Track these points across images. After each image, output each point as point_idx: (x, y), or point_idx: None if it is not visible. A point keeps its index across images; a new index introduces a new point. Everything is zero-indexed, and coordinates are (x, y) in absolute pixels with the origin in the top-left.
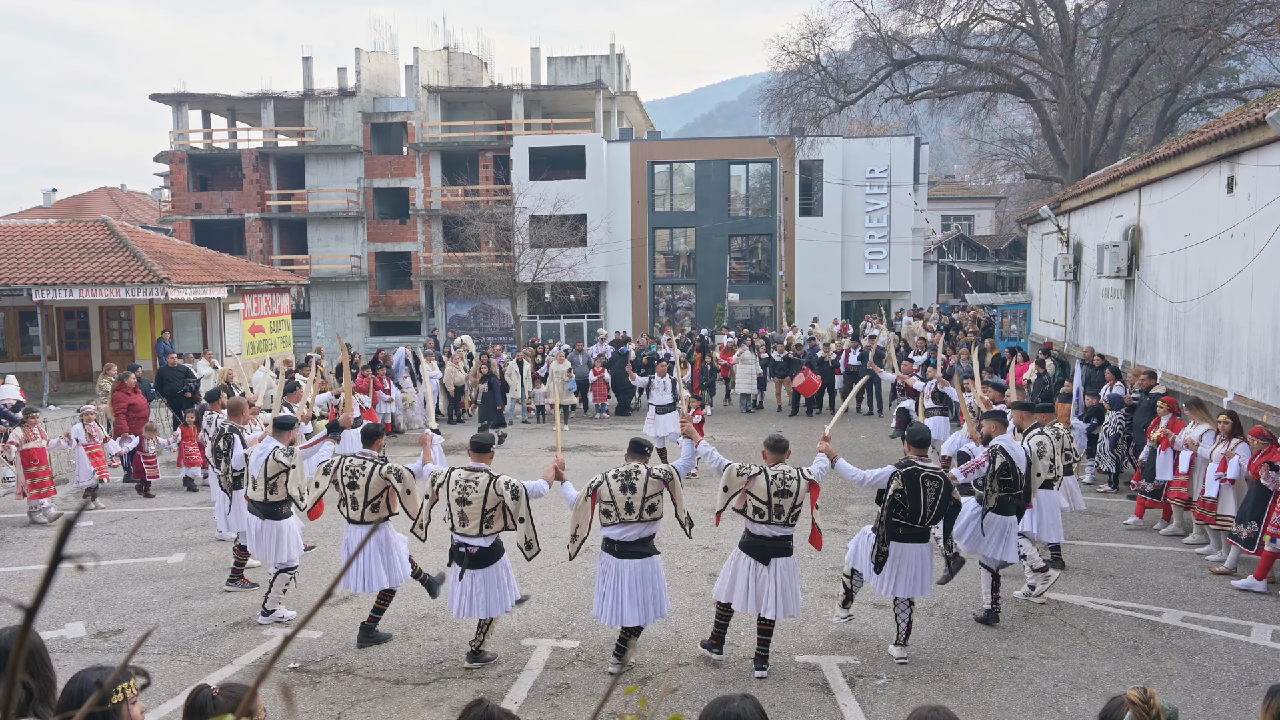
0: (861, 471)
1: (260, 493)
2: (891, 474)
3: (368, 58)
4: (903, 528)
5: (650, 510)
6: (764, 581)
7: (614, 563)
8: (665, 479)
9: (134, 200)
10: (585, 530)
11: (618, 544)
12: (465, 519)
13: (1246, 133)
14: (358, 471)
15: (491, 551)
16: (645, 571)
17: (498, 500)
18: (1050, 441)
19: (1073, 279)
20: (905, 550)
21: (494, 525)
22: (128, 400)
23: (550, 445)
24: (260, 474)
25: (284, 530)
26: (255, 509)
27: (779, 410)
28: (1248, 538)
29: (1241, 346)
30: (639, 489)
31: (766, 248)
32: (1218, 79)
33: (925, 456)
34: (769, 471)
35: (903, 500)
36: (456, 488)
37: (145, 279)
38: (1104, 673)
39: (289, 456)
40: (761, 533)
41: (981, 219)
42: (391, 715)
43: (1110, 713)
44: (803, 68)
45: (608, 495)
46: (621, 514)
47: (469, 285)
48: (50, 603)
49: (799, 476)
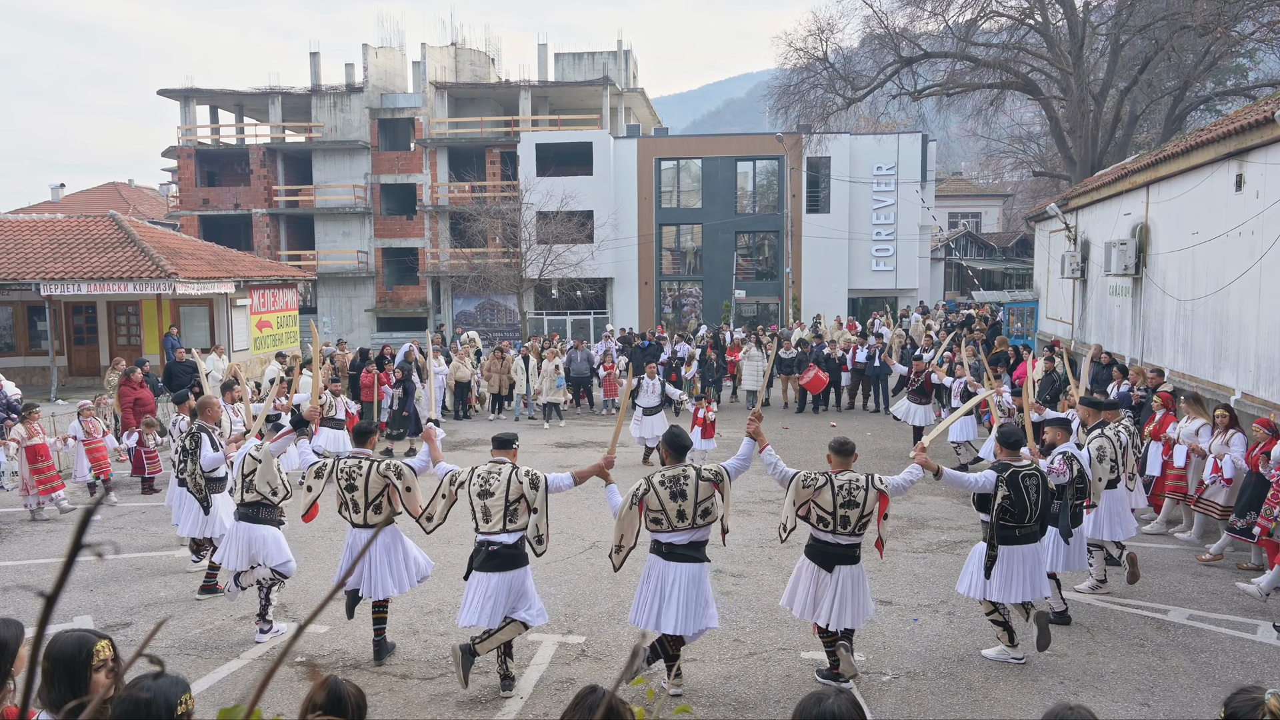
0: (971, 478)
1: (239, 493)
2: (995, 480)
3: (375, 54)
4: (1017, 530)
5: (704, 515)
6: (824, 588)
7: (660, 564)
8: (716, 480)
9: (142, 195)
10: (632, 540)
11: (667, 545)
12: (488, 513)
13: (1255, 130)
14: (354, 472)
15: (515, 552)
16: (695, 577)
17: (520, 491)
18: (1111, 444)
19: (1080, 277)
20: (1016, 552)
21: (518, 519)
22: (134, 395)
23: (553, 441)
24: (239, 474)
25: (266, 534)
26: (239, 511)
27: (785, 407)
28: (1244, 528)
29: (1249, 345)
30: (690, 494)
31: (773, 244)
32: (1227, 76)
33: (1018, 456)
34: (835, 481)
35: (1010, 505)
36: (478, 481)
37: (153, 274)
38: (1110, 670)
39: (257, 451)
40: (827, 539)
41: (989, 216)
42: (398, 709)
43: (1241, 710)
44: (810, 64)
45: (656, 504)
46: (674, 522)
47: (476, 281)
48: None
49: (867, 486)
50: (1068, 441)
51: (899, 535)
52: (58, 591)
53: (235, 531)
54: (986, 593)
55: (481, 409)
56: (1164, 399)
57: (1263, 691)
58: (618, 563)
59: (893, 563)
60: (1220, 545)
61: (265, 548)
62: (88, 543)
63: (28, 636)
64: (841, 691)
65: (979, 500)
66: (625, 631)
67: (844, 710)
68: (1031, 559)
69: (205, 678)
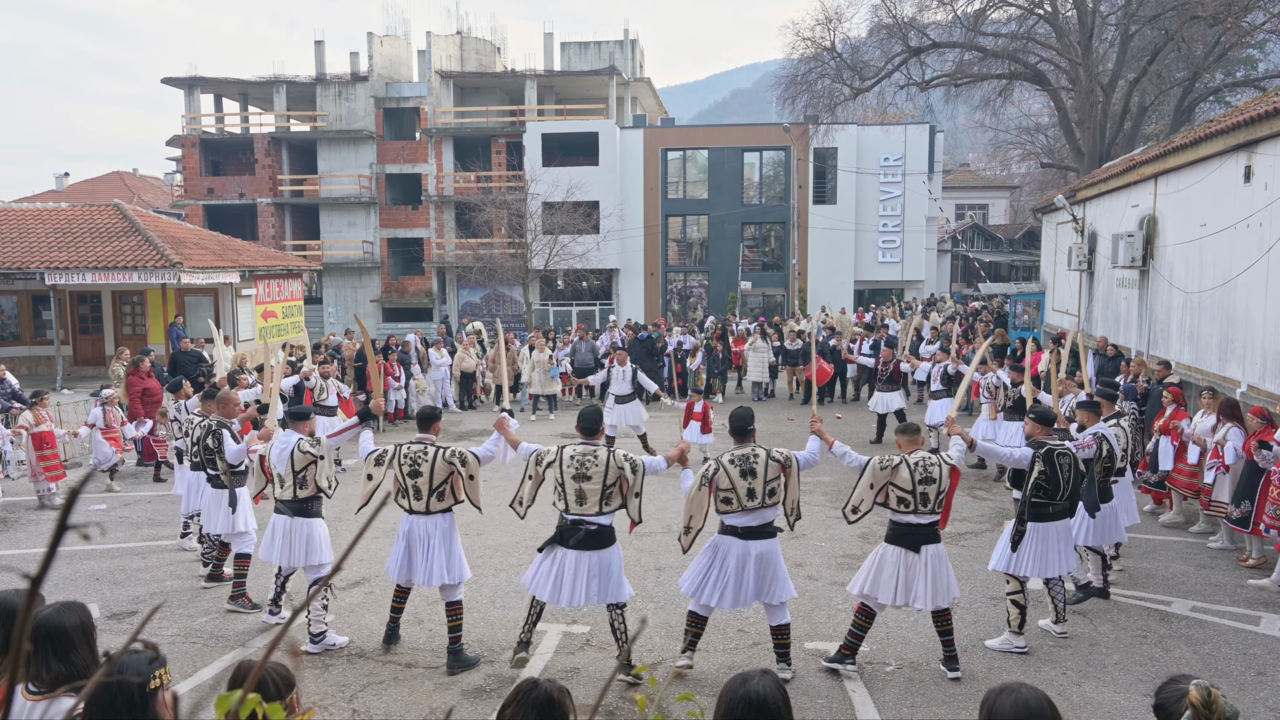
0: (1008, 449)
1: (289, 490)
2: (1033, 457)
3: (380, 42)
4: (1050, 506)
5: (771, 495)
6: (915, 570)
7: (738, 544)
8: (784, 464)
9: (146, 185)
10: (701, 521)
11: (741, 529)
12: (583, 497)
13: (1264, 122)
14: (419, 458)
15: (610, 531)
16: (771, 552)
17: (618, 474)
18: (1124, 433)
19: (1087, 269)
20: (1050, 529)
21: (612, 502)
22: (142, 385)
23: (558, 433)
24: (287, 470)
25: (315, 530)
26: (284, 508)
27: (790, 398)
28: (1240, 517)
29: (1256, 337)
30: (760, 473)
31: (780, 236)
32: (1236, 68)
33: (1052, 434)
34: (909, 460)
35: (1045, 481)
36: (573, 464)
37: (158, 263)
38: (1112, 661)
39: (316, 447)
40: (910, 520)
41: (996, 208)
42: (404, 698)
43: (1168, 703)
44: (818, 54)
45: (726, 483)
46: (743, 501)
47: (481, 272)
48: (65, 585)
49: (940, 462)
50: (1097, 423)
51: None
52: (43, 574)
53: (287, 527)
54: (1016, 567)
55: (487, 399)
56: (1174, 393)
57: (1188, 681)
58: (686, 544)
59: None
60: (1224, 540)
61: (317, 543)
62: (73, 524)
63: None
64: (765, 673)
65: (1013, 476)
66: (630, 620)
67: (768, 690)
68: (1064, 535)
69: (210, 666)
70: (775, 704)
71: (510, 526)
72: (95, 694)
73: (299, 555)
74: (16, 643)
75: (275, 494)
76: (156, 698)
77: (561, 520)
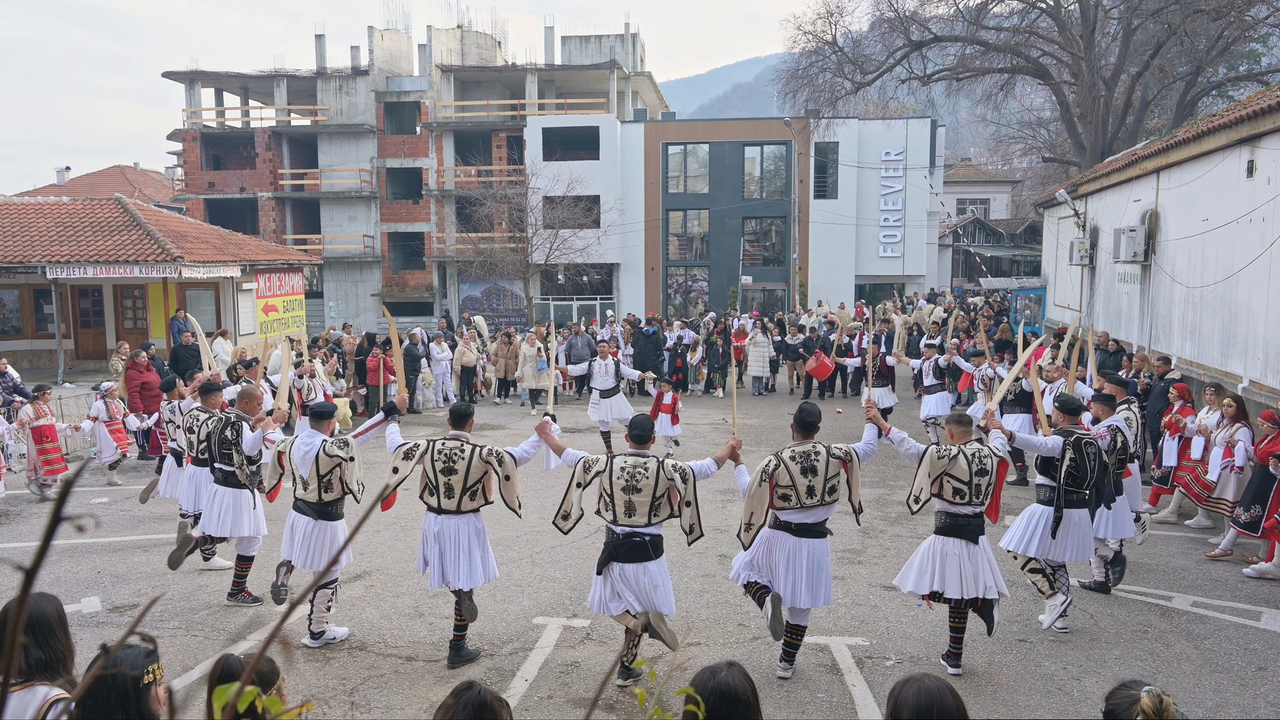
0: (1040, 439)
1: (314, 492)
2: (1063, 445)
3: (381, 36)
4: (1075, 494)
5: (831, 493)
6: (980, 562)
7: (790, 540)
8: (845, 459)
9: (147, 179)
10: (761, 517)
11: (796, 525)
12: (633, 509)
13: (1267, 116)
14: (455, 455)
15: (658, 541)
16: (821, 552)
17: (668, 484)
18: (1134, 417)
19: (1089, 264)
20: (1072, 515)
21: (661, 513)
22: (141, 378)
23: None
24: (311, 472)
25: (339, 534)
26: (307, 509)
27: (791, 393)
28: (1249, 521)
29: (1258, 332)
30: (820, 471)
31: (780, 230)
32: (1239, 62)
33: (1079, 424)
34: (966, 451)
35: (1075, 469)
36: (624, 476)
37: (159, 257)
38: (1113, 656)
39: (344, 449)
40: (966, 512)
41: (997, 203)
42: (404, 691)
43: (1119, 708)
44: (819, 48)
45: (787, 479)
46: (803, 498)
47: (482, 266)
48: (67, 578)
49: (992, 454)
50: (1112, 415)
51: (903, 521)
52: (37, 565)
53: (309, 529)
54: (1033, 550)
55: (487, 393)
56: (1180, 390)
57: (1140, 688)
58: (747, 541)
59: (898, 548)
60: (1228, 543)
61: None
62: (68, 515)
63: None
64: (733, 665)
65: (1042, 464)
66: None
67: (736, 681)
68: (1085, 523)
69: (210, 659)
70: (744, 695)
71: (509, 521)
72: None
73: (320, 558)
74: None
75: (296, 493)
76: (150, 692)
77: (610, 534)
